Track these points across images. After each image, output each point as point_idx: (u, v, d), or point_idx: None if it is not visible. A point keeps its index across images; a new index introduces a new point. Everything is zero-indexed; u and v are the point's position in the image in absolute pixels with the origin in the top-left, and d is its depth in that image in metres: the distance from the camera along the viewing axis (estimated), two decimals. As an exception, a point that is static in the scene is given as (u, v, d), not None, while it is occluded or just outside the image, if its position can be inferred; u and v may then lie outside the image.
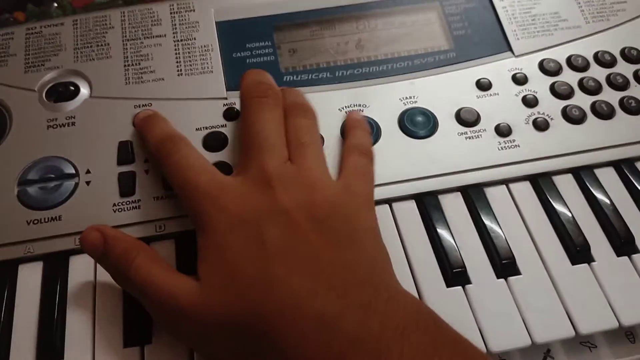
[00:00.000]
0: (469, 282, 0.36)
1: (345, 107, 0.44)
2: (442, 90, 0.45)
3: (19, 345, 0.34)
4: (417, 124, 0.43)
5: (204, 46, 0.46)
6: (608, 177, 0.41)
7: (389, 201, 0.40)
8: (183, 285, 0.32)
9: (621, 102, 0.44)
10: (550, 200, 0.40)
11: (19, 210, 0.39)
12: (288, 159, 0.36)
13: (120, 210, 0.39)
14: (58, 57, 0.45)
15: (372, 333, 0.27)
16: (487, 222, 0.38)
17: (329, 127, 0.42)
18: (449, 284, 0.36)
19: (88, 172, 0.40)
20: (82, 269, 0.37)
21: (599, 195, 0.40)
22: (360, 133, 0.41)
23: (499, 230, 0.38)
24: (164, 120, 0.41)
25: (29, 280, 0.37)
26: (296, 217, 0.32)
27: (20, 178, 0.40)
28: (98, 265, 0.37)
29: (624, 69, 0.46)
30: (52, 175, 0.40)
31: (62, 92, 0.44)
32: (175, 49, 0.46)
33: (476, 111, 0.43)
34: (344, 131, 0.42)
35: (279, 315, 0.29)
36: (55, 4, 0.56)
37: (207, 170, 0.36)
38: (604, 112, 0.43)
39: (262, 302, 0.29)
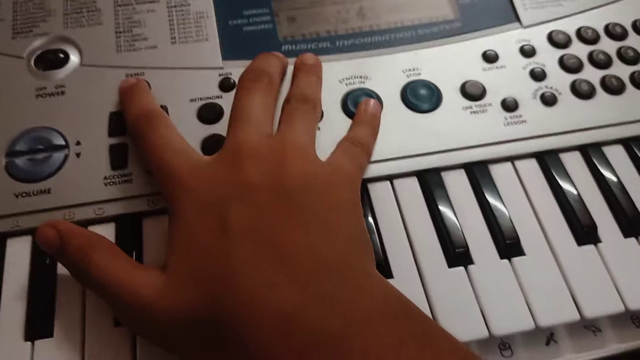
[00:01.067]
0: (472, 263, 0.35)
1: (346, 78, 0.42)
2: (447, 62, 0.43)
3: (7, 321, 0.33)
4: (421, 97, 0.41)
5: (199, 12, 0.44)
6: (617, 155, 0.40)
7: (390, 178, 0.39)
8: (145, 281, 0.30)
9: (632, 77, 0.42)
10: (557, 179, 0.38)
11: (7, 182, 0.37)
12: (269, 133, 0.35)
13: (111, 183, 0.37)
14: (47, 23, 0.43)
15: (334, 326, 0.26)
16: (492, 200, 0.37)
17: (329, 100, 0.41)
18: (451, 264, 0.35)
19: (78, 143, 0.39)
20: (72, 244, 0.36)
21: (607, 174, 0.39)
22: (363, 129, 0.39)
23: (504, 209, 0.37)
24: (145, 92, 0.39)
25: (18, 255, 0.36)
26: (264, 194, 0.30)
27: (7, 149, 0.38)
28: (89, 240, 0.36)
29: (636, 42, 0.44)
30: (41, 147, 0.38)
31: (52, 59, 0.42)
32: (169, 15, 0.44)
33: (482, 84, 0.42)
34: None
35: (240, 306, 0.27)
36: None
37: (183, 151, 0.34)
38: (613, 87, 0.42)
39: (223, 293, 0.27)
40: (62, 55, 0.42)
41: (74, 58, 0.42)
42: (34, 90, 0.41)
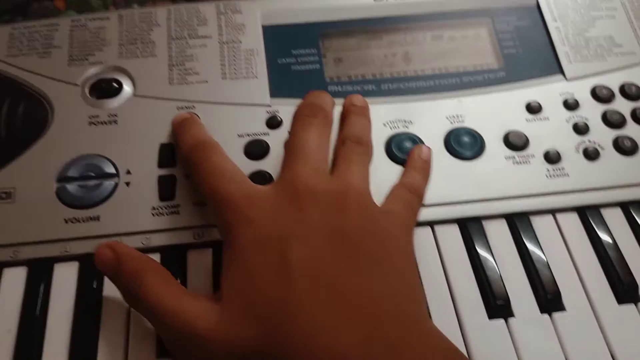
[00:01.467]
0: (512, 315, 0.35)
1: (390, 122, 0.43)
2: (491, 111, 0.44)
3: (52, 346, 0.34)
4: (464, 144, 0.42)
5: (250, 50, 0.45)
6: (659, 214, 0.40)
7: (432, 224, 0.39)
8: (199, 311, 0.30)
9: (675, 136, 0.42)
10: (599, 235, 0.38)
11: (57, 207, 0.38)
12: (326, 172, 0.35)
13: (159, 214, 0.38)
14: (102, 52, 0.45)
15: None
16: (533, 253, 0.37)
17: (374, 143, 0.41)
18: (492, 315, 0.35)
19: (128, 172, 0.40)
20: (118, 273, 0.37)
21: (649, 233, 0.39)
22: (417, 175, 0.39)
23: (545, 263, 0.37)
24: (198, 124, 0.40)
25: (65, 280, 0.36)
26: (324, 237, 0.31)
27: (59, 174, 0.40)
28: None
29: (679, 101, 0.44)
30: (92, 174, 0.40)
31: (106, 88, 0.43)
32: (221, 51, 0.45)
33: (525, 135, 0.42)
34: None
35: (299, 345, 0.27)
36: (97, -6, 0.56)
37: (237, 179, 0.35)
38: (656, 145, 0.42)
39: (282, 331, 0.28)
40: (115, 85, 0.44)
41: (127, 88, 0.44)
42: (87, 117, 0.42)
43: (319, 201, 0.32)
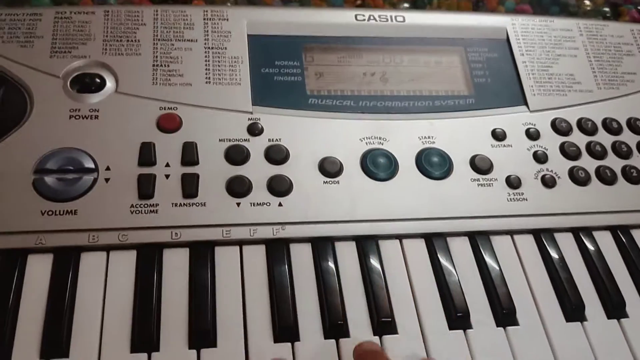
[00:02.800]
0: (470, 327, 0.38)
1: (367, 137, 0.45)
2: (460, 135, 0.46)
3: (23, 338, 0.34)
4: (434, 164, 0.44)
5: (234, 57, 0.46)
6: (605, 240, 0.43)
7: (400, 237, 0.41)
8: None
9: (623, 170, 0.46)
10: (551, 256, 0.42)
11: (34, 199, 0.38)
12: None
13: (137, 212, 0.39)
14: (86, 47, 0.45)
15: None
16: (492, 270, 0.40)
17: (349, 157, 0.43)
18: (452, 326, 0.38)
19: (108, 168, 0.40)
20: (93, 267, 0.37)
21: (595, 257, 0.42)
22: None
23: (502, 280, 0.40)
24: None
25: (38, 272, 0.37)
26: None
27: (37, 166, 0.39)
28: (110, 266, 0.37)
29: (629, 138, 0.48)
30: (71, 167, 0.40)
31: (88, 83, 0.43)
32: (206, 56, 0.46)
33: (490, 160, 0.45)
34: None
35: None
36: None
37: None
38: (607, 178, 0.46)
39: None
40: (98, 80, 0.44)
41: (110, 84, 0.44)
42: (68, 111, 0.42)
43: None
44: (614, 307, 0.40)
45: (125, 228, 0.38)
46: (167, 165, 0.41)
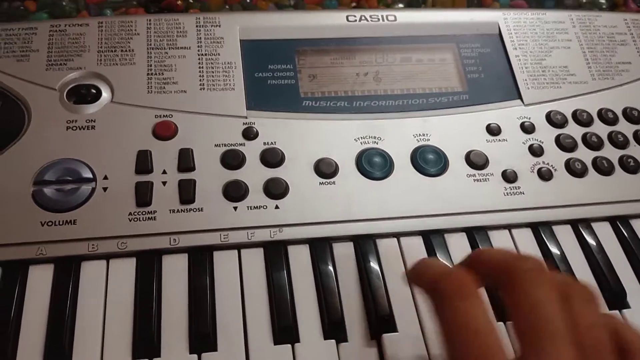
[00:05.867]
0: (470, 323, 0.38)
1: (361, 137, 0.45)
2: (454, 131, 0.46)
3: (26, 348, 0.35)
4: (429, 161, 0.44)
5: (228, 63, 0.47)
6: (604, 231, 0.43)
7: (397, 235, 0.41)
8: None
9: (620, 160, 0.46)
10: (550, 249, 0.42)
11: (33, 210, 0.39)
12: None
13: (135, 219, 0.39)
14: (81, 58, 0.46)
15: None
16: (490, 265, 0.40)
17: (345, 157, 0.44)
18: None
19: (105, 178, 0.41)
20: (94, 276, 0.38)
21: (595, 249, 0.42)
22: None
23: (501, 274, 0.40)
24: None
25: (40, 283, 0.37)
26: None
27: (36, 177, 0.40)
28: (110, 274, 0.38)
29: (625, 128, 0.48)
30: (70, 178, 0.40)
31: (84, 94, 0.44)
32: (199, 63, 0.47)
33: (485, 155, 0.45)
34: None
35: None
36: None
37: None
38: (604, 169, 0.45)
39: None
40: (94, 91, 0.44)
41: (106, 95, 0.44)
42: (64, 122, 0.43)
43: None
44: (615, 298, 0.40)
45: (124, 236, 0.39)
46: (164, 172, 0.41)
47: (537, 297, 0.27)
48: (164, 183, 0.41)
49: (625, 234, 0.43)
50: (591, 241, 0.43)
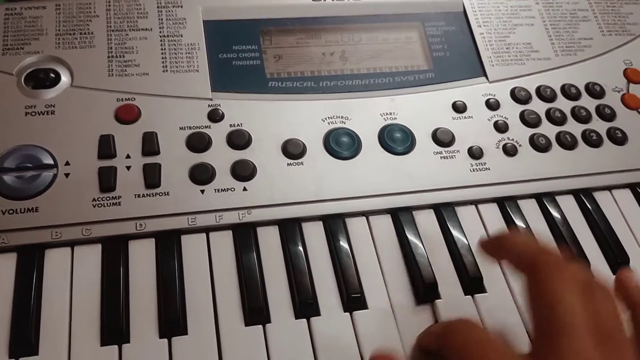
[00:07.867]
0: (439, 298, 0.38)
1: (328, 117, 0.45)
2: (421, 109, 0.47)
3: (-9, 338, 0.34)
4: (396, 140, 0.44)
5: (191, 44, 0.46)
6: (568, 204, 0.44)
7: (366, 214, 0.42)
8: None
9: (583, 135, 0.47)
10: (516, 223, 0.42)
11: (-7, 198, 0.38)
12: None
13: (99, 205, 0.39)
14: (39, 42, 0.44)
15: None
16: (458, 240, 0.41)
17: (312, 138, 0.43)
18: (419, 300, 0.38)
19: (67, 164, 0.40)
20: (58, 263, 0.37)
21: (559, 222, 0.43)
22: None
23: (468, 248, 0.40)
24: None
25: (3, 272, 0.36)
26: None
27: (-5, 165, 0.39)
28: (75, 261, 0.37)
29: (588, 102, 0.49)
30: (30, 165, 0.39)
31: (42, 78, 0.43)
32: (162, 44, 0.46)
33: (451, 132, 0.45)
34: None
35: None
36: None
37: None
38: (567, 143, 0.46)
39: None
40: (53, 75, 0.43)
41: (65, 79, 0.43)
42: (23, 108, 0.42)
43: None
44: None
45: (88, 222, 0.38)
46: (128, 156, 0.41)
47: (559, 292, 0.28)
48: (128, 168, 0.40)
49: (589, 206, 0.44)
50: (555, 214, 0.43)
